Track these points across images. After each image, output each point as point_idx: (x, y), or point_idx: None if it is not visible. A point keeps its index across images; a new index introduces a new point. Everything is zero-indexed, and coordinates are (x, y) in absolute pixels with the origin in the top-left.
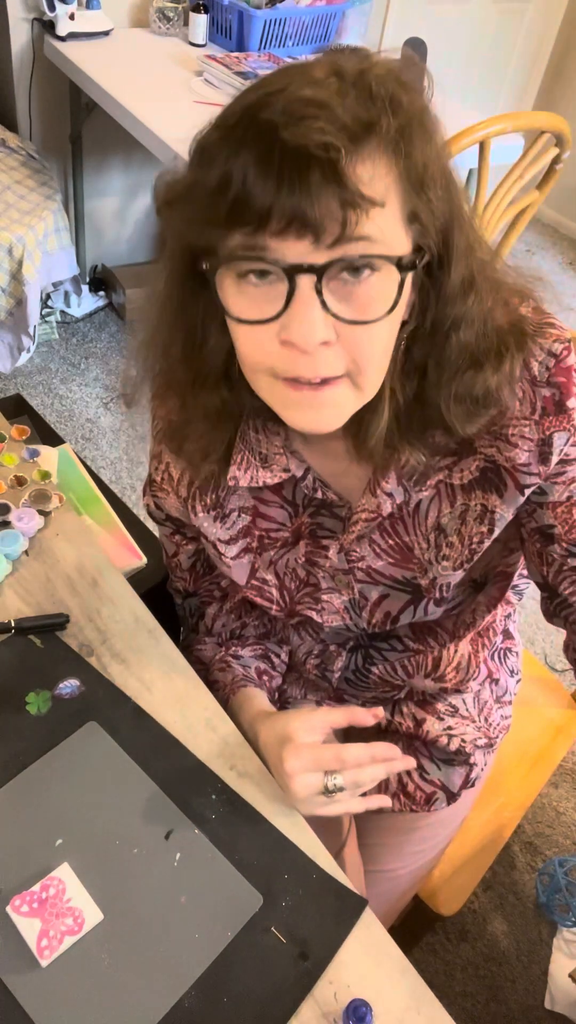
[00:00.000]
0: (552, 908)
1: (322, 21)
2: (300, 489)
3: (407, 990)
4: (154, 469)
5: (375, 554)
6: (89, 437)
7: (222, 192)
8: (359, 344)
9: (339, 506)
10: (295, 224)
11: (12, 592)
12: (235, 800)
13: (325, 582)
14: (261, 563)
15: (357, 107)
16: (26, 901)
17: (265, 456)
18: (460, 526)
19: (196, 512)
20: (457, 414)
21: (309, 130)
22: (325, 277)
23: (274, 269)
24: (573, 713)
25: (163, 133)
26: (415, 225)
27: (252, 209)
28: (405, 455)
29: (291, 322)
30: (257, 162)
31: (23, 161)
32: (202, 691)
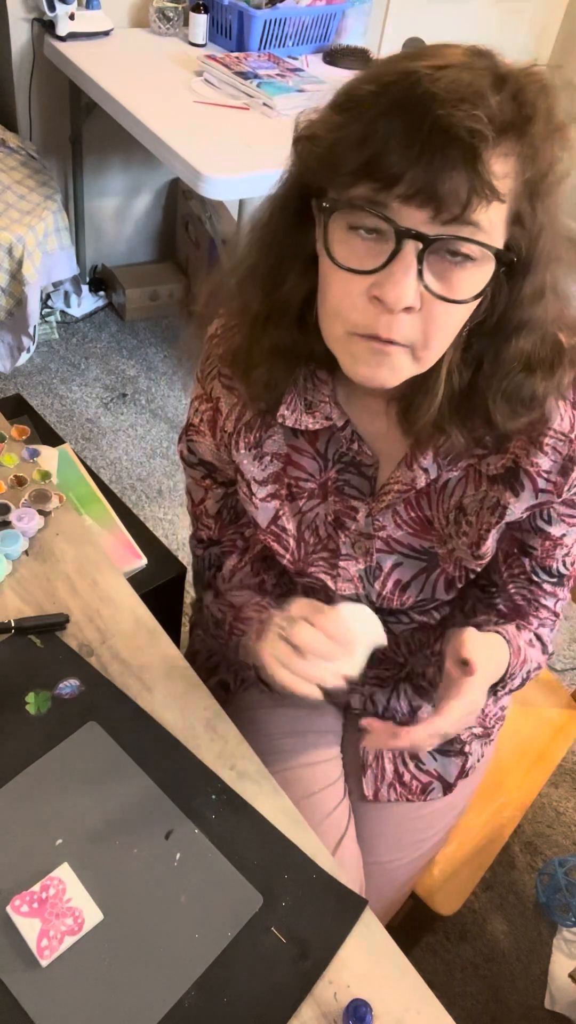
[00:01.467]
0: (552, 908)
1: (322, 21)
2: (335, 442)
3: (407, 990)
4: (193, 412)
5: (395, 524)
6: (89, 437)
7: (363, 144)
8: (436, 319)
9: (368, 465)
10: (422, 194)
11: (12, 592)
12: (235, 800)
13: (345, 548)
14: (287, 511)
15: (509, 106)
16: (26, 901)
17: (310, 403)
18: (479, 509)
19: (239, 447)
20: (502, 410)
21: (464, 114)
22: (430, 249)
23: (386, 228)
24: (573, 713)
25: (163, 133)
26: (515, 226)
27: (387, 168)
28: (447, 436)
29: (386, 280)
30: (405, 127)
31: (23, 161)
32: (202, 691)
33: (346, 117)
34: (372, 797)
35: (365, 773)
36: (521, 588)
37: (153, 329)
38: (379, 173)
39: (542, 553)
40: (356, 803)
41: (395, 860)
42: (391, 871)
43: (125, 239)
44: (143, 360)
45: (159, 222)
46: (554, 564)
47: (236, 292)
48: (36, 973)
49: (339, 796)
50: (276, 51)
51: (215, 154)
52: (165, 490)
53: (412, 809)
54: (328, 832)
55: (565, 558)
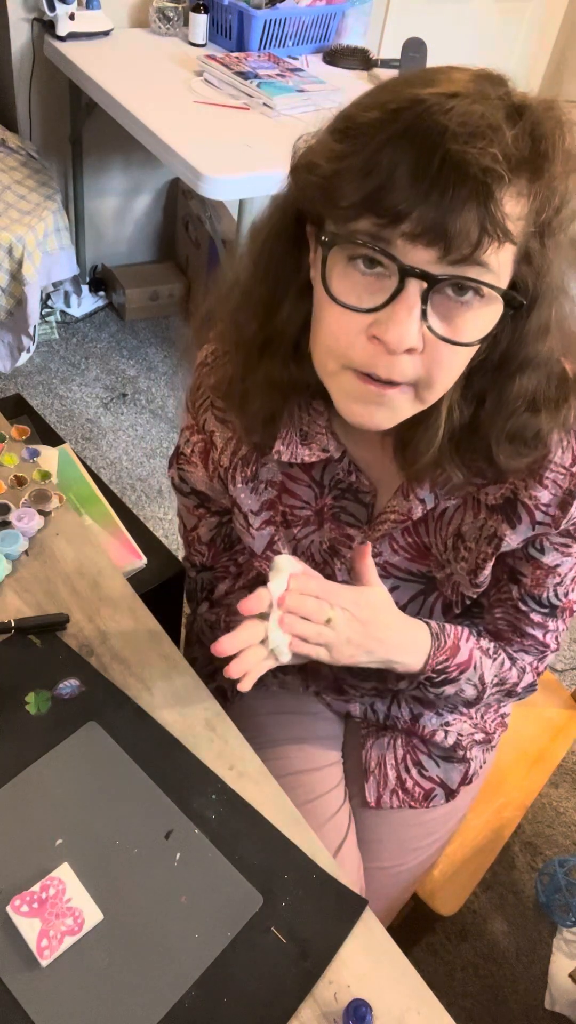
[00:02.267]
0: (552, 908)
1: (322, 21)
2: (330, 470)
3: (407, 990)
4: (184, 442)
5: (392, 550)
6: (89, 437)
7: (366, 176)
8: (440, 360)
9: (365, 492)
10: (430, 233)
11: (12, 592)
12: (235, 800)
13: (340, 575)
14: (283, 538)
15: (525, 142)
16: (26, 901)
17: (305, 433)
18: (478, 537)
19: (235, 482)
20: (505, 451)
21: (477, 150)
22: (434, 290)
23: (389, 266)
24: (573, 713)
25: (163, 133)
26: (523, 264)
27: (392, 204)
28: (445, 472)
29: (388, 320)
30: (414, 161)
31: (23, 161)
32: (202, 691)
33: (348, 146)
34: (375, 804)
35: (367, 779)
36: (506, 613)
37: (153, 329)
38: (383, 208)
39: (532, 581)
40: (358, 809)
41: (397, 866)
42: (392, 876)
43: (125, 239)
44: (143, 360)
45: (159, 222)
46: (544, 593)
47: (229, 320)
48: (36, 973)
49: (339, 801)
50: (276, 51)
51: (215, 154)
52: (165, 490)
53: (414, 816)
54: (328, 837)
55: (557, 587)
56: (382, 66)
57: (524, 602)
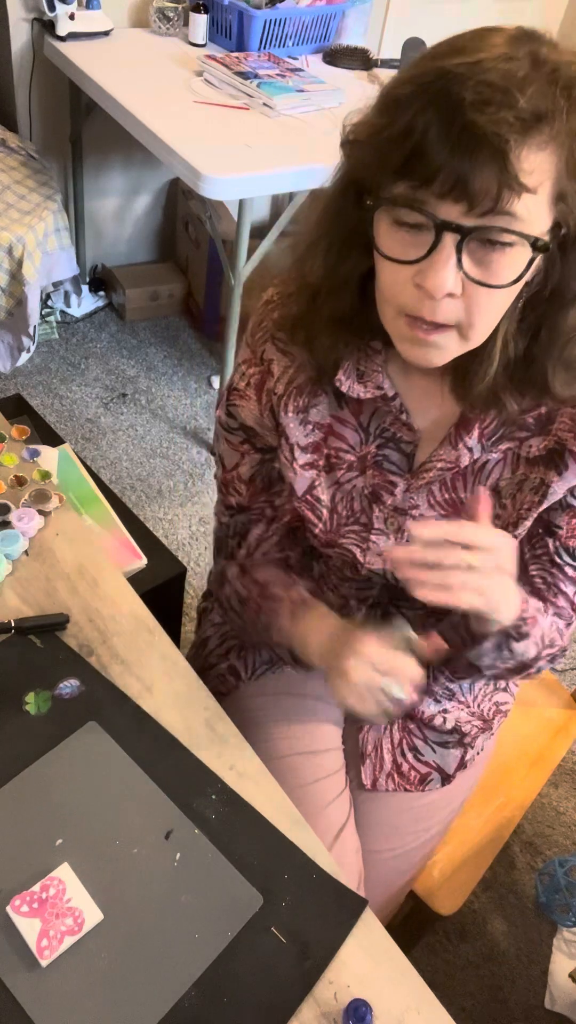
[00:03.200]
0: (552, 908)
1: (322, 21)
2: (378, 415)
3: (407, 990)
4: (240, 376)
5: (428, 504)
6: (89, 437)
7: (401, 142)
8: (477, 302)
9: (407, 442)
10: (456, 189)
11: (12, 592)
12: (235, 800)
13: (378, 522)
14: (323, 482)
15: (540, 97)
16: (26, 901)
17: (362, 372)
18: (516, 492)
19: (287, 410)
20: (561, 378)
21: (488, 118)
22: (467, 239)
23: (426, 222)
24: (573, 713)
25: (163, 133)
26: (560, 204)
27: (424, 166)
28: (500, 406)
29: (428, 269)
30: (439, 127)
31: (23, 161)
32: (202, 691)
33: (386, 119)
34: (370, 786)
35: (364, 762)
36: (542, 570)
37: (153, 329)
38: (418, 170)
39: (567, 532)
40: (355, 792)
41: (393, 849)
42: (388, 860)
43: (125, 239)
44: (143, 360)
45: (159, 222)
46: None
47: (295, 268)
48: (36, 973)
49: (340, 786)
50: (276, 51)
51: (215, 154)
52: (165, 490)
53: (410, 799)
54: (328, 821)
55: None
56: (382, 66)
57: (559, 555)
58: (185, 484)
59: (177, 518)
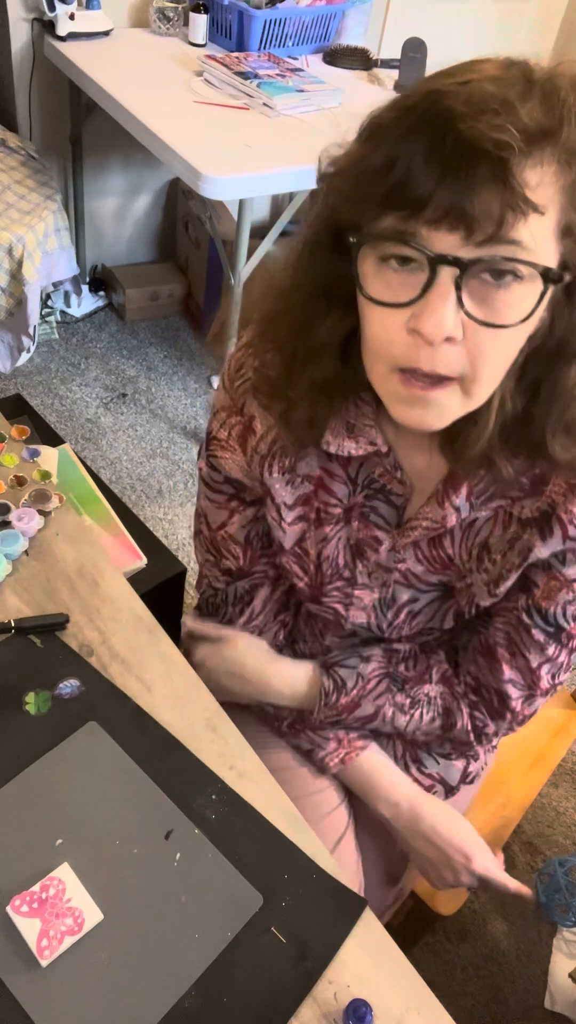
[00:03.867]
0: (552, 908)
1: (322, 21)
2: (366, 468)
3: (407, 990)
4: (219, 425)
5: (416, 559)
6: (89, 437)
7: (385, 172)
8: (483, 348)
9: (398, 495)
10: (451, 216)
11: (12, 592)
12: (235, 800)
13: (361, 577)
14: (312, 536)
15: (539, 111)
16: (26, 901)
17: (352, 426)
18: (507, 550)
19: (272, 471)
20: (561, 442)
21: (486, 126)
22: (467, 274)
23: (418, 257)
24: (573, 713)
25: (163, 133)
26: (567, 240)
27: (411, 194)
28: (491, 469)
29: (423, 311)
30: (427, 148)
31: (23, 161)
32: (202, 691)
33: (369, 147)
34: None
35: None
36: (507, 624)
37: (153, 329)
38: (405, 199)
39: (543, 592)
40: (358, 802)
41: (392, 857)
42: (388, 870)
43: (125, 239)
44: (143, 360)
45: (159, 222)
46: (553, 608)
47: (267, 323)
48: (36, 973)
49: (339, 797)
50: (276, 51)
51: (215, 154)
52: (165, 490)
53: None
54: (326, 832)
55: (568, 605)
56: (382, 66)
57: (529, 614)
58: (185, 484)
59: (177, 518)
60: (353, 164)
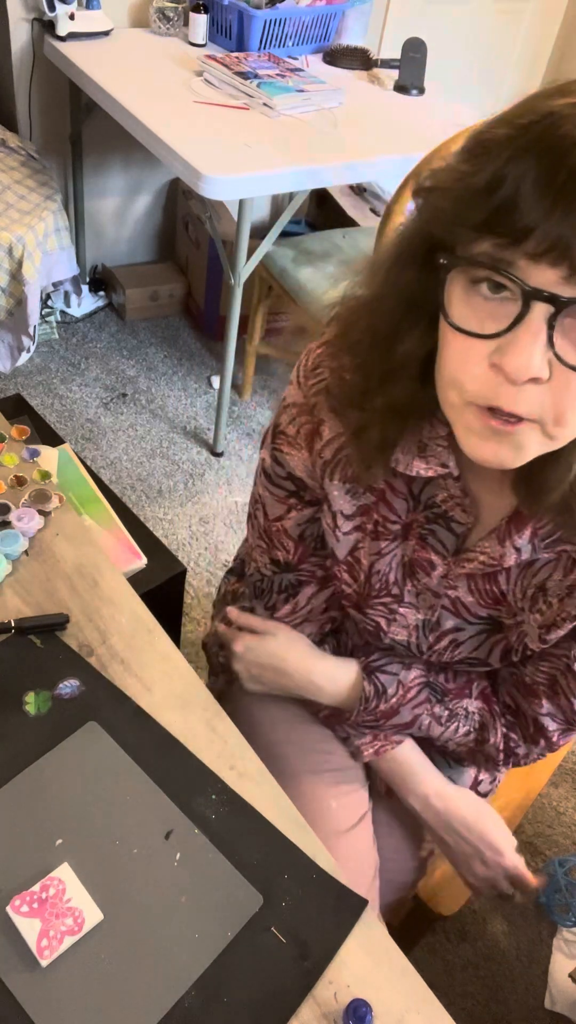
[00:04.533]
0: (552, 908)
1: (322, 21)
2: (429, 489)
3: (407, 990)
4: (288, 420)
5: (468, 590)
6: (89, 437)
7: (489, 193)
8: (570, 393)
9: (459, 523)
10: (556, 251)
11: (12, 592)
12: (235, 800)
13: (409, 596)
14: (367, 548)
15: None
16: (26, 901)
17: (424, 445)
18: (565, 595)
19: (333, 478)
20: None
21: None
22: (564, 313)
23: (512, 288)
24: None
25: (163, 133)
26: None
27: (515, 221)
28: (570, 513)
29: (509, 346)
30: (537, 174)
31: (23, 161)
32: (202, 691)
33: (474, 164)
34: (385, 793)
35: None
36: (553, 668)
37: (153, 329)
38: (507, 226)
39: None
40: (373, 798)
41: (408, 849)
42: (402, 861)
43: (125, 239)
44: (143, 360)
45: (159, 222)
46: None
47: (346, 330)
48: (36, 973)
49: (362, 778)
50: (276, 51)
51: (215, 154)
52: (165, 490)
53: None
54: (347, 809)
55: None
56: (382, 66)
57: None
58: (185, 484)
59: (177, 518)
60: (455, 181)
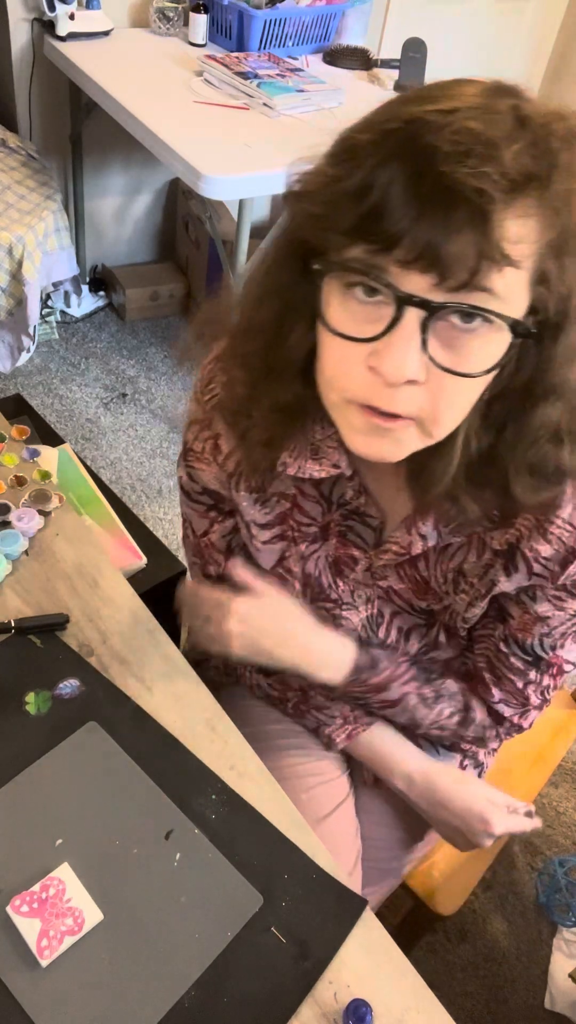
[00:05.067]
0: (552, 908)
1: (322, 21)
2: (339, 488)
3: (407, 990)
4: (193, 437)
5: (398, 576)
6: (89, 437)
7: (358, 200)
8: (444, 393)
9: (372, 517)
10: (424, 259)
11: (12, 592)
12: (235, 800)
13: (345, 596)
14: (293, 554)
15: (527, 157)
16: (26, 901)
17: (317, 448)
18: (482, 574)
19: (239, 489)
20: (523, 483)
21: (469, 171)
22: (434, 317)
23: (386, 293)
24: (573, 713)
25: (163, 133)
26: (540, 287)
27: (385, 228)
28: (460, 505)
29: (385, 350)
30: (404, 183)
31: (23, 161)
32: (202, 691)
33: (341, 170)
34: (371, 782)
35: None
36: (487, 651)
37: (153, 329)
38: (378, 233)
39: (518, 624)
40: (358, 786)
41: (391, 836)
42: (381, 849)
43: (125, 239)
44: (143, 360)
45: (159, 222)
46: (529, 640)
47: (231, 342)
48: (36, 973)
49: (341, 768)
50: (276, 51)
51: (215, 154)
52: (165, 490)
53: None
54: (323, 798)
55: (544, 638)
56: (382, 66)
57: (507, 643)
58: None
59: (177, 518)
60: (323, 186)
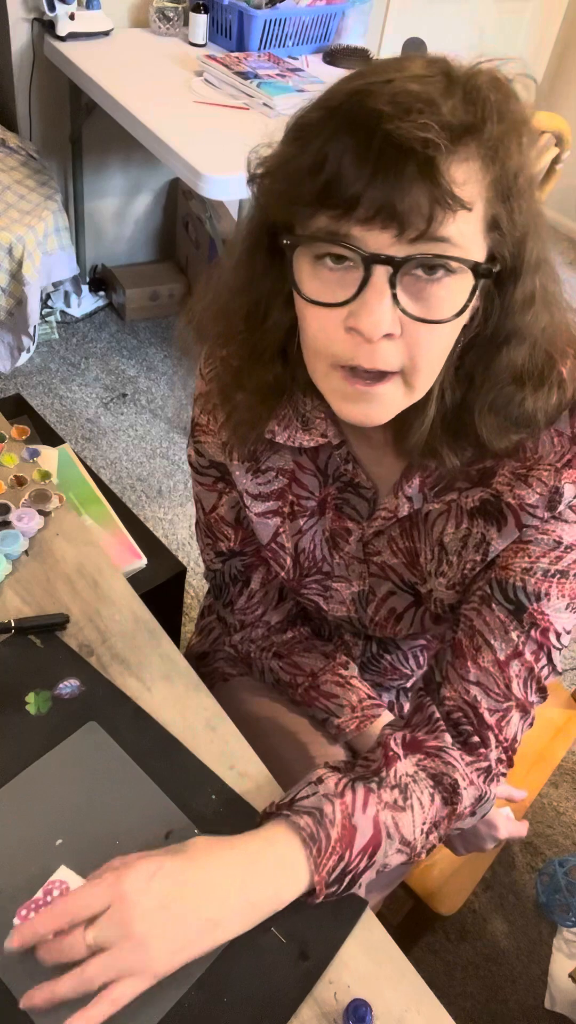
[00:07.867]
0: (552, 908)
1: (322, 21)
2: (333, 460)
3: (407, 990)
4: (200, 410)
5: (391, 551)
6: (89, 437)
7: (315, 173)
8: (420, 342)
9: (365, 488)
10: (382, 214)
11: (12, 592)
12: (235, 800)
13: (339, 570)
14: (288, 529)
15: (462, 108)
16: (31, 909)
17: (307, 419)
18: (460, 549)
19: (232, 458)
20: (488, 424)
21: (412, 124)
22: (401, 271)
23: (352, 256)
24: (573, 713)
25: (163, 133)
26: (494, 233)
27: (342, 193)
28: (439, 459)
29: (360, 310)
30: (355, 148)
31: (23, 161)
32: (202, 691)
33: (297, 147)
34: None
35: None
36: (473, 609)
37: (153, 329)
38: (336, 199)
39: (501, 564)
40: None
41: None
42: None
43: (125, 239)
44: (143, 360)
45: (159, 222)
46: (511, 578)
47: (229, 324)
48: (36, 973)
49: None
50: (276, 51)
51: (215, 154)
52: (165, 490)
53: None
54: None
55: (526, 575)
56: None
57: (491, 588)
58: (185, 484)
59: (177, 518)
60: (282, 165)
